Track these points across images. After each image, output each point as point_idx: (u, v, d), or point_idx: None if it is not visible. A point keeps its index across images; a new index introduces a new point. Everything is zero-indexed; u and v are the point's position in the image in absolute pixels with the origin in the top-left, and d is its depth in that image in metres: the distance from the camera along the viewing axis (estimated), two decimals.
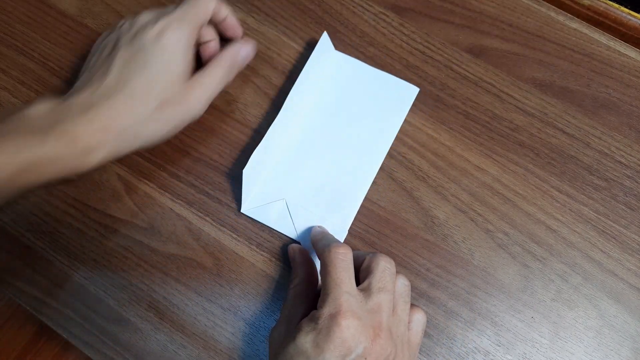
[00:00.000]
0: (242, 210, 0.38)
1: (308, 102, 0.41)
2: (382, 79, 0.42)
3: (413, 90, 0.42)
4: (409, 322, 0.33)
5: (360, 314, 0.30)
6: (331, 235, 0.36)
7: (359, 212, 0.39)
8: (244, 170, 0.36)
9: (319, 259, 0.33)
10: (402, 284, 0.33)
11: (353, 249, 0.33)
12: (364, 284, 0.32)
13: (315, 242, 0.35)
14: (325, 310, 0.30)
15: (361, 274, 0.33)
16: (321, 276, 0.32)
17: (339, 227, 0.38)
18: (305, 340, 0.29)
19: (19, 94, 0.41)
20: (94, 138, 0.32)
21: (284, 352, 0.30)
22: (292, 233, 0.38)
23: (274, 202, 0.38)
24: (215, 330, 0.36)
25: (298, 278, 0.35)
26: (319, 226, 0.38)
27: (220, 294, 0.36)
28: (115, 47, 0.35)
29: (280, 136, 0.39)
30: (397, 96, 0.42)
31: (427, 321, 0.36)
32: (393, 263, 0.33)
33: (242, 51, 0.38)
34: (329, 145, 0.40)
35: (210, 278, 0.37)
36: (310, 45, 0.44)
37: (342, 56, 0.43)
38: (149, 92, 0.34)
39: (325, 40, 0.41)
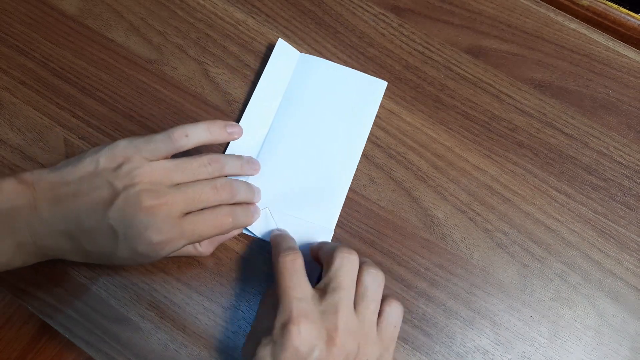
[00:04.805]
0: None
1: (274, 108, 0.41)
2: (350, 76, 0.42)
3: (381, 85, 0.42)
4: (379, 317, 0.32)
5: (314, 317, 0.29)
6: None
7: (358, 211, 0.39)
8: None
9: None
10: (369, 279, 0.32)
11: (356, 249, 0.33)
12: (320, 284, 0.31)
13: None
14: (278, 320, 0.29)
15: (323, 271, 0.32)
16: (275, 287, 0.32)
17: (324, 227, 0.38)
18: (264, 354, 0.29)
19: (20, 94, 0.41)
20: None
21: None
22: None
23: None
24: (216, 330, 0.36)
25: (270, 289, 0.34)
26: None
27: (221, 293, 0.37)
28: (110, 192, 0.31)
29: (248, 145, 0.40)
30: (367, 92, 0.42)
31: (427, 320, 0.36)
32: (353, 257, 0.32)
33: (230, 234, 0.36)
34: (303, 147, 0.40)
35: (211, 277, 0.37)
36: (311, 46, 0.44)
37: (308, 57, 0.43)
38: (109, 253, 0.31)
39: (282, 46, 0.42)
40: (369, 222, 0.39)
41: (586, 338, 0.36)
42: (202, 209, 0.33)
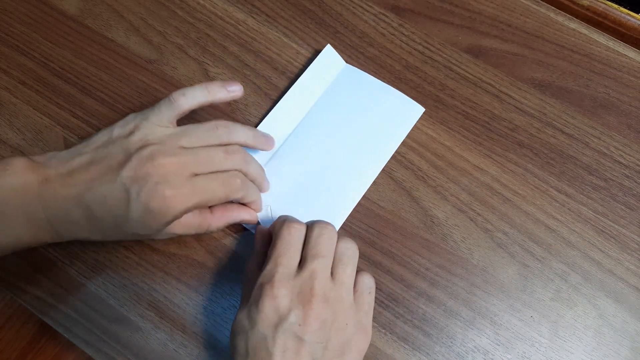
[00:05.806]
0: None
1: (305, 109, 0.41)
2: (389, 95, 0.42)
3: (418, 110, 0.41)
4: (355, 286, 0.33)
5: (292, 282, 0.30)
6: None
7: (358, 212, 0.39)
8: None
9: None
10: (345, 247, 0.33)
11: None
12: (302, 256, 0.32)
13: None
14: (258, 282, 0.30)
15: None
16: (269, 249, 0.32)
17: None
18: (242, 315, 0.30)
19: (20, 94, 0.41)
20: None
21: (232, 329, 0.31)
22: None
23: None
24: (216, 329, 0.36)
25: (254, 254, 0.35)
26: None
27: (221, 293, 0.37)
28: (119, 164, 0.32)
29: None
30: (402, 113, 0.41)
31: (427, 320, 0.36)
32: (331, 228, 0.33)
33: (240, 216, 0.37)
34: (324, 153, 0.40)
35: (211, 277, 0.37)
36: (311, 46, 0.44)
37: (353, 69, 0.42)
38: (118, 228, 0.32)
39: (329, 52, 0.42)
40: (369, 222, 0.38)
41: (586, 338, 0.36)
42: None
